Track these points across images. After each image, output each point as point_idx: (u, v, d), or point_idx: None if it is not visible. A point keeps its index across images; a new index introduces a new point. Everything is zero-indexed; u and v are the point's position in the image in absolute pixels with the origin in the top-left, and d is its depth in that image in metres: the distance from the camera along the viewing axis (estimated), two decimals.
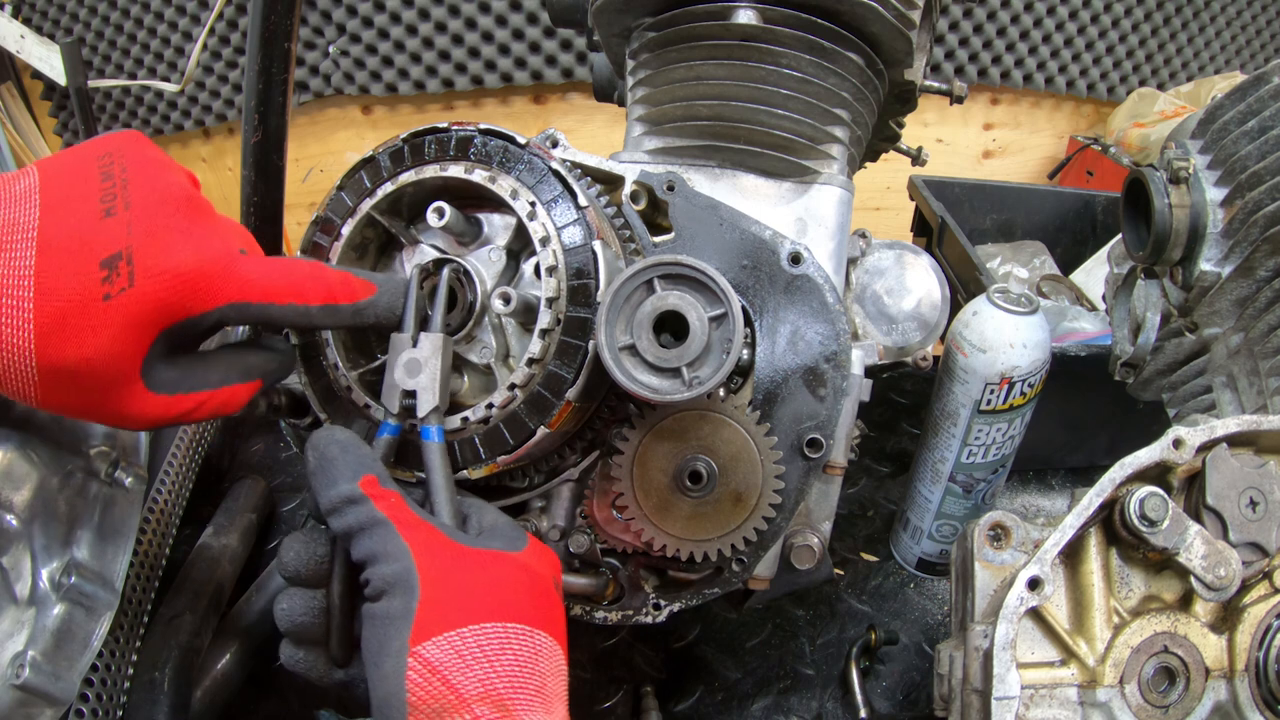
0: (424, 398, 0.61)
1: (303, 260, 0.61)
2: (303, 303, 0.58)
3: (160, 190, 0.53)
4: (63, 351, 0.49)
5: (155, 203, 0.53)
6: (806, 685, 0.95)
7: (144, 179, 0.53)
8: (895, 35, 0.75)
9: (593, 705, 0.91)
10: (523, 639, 0.51)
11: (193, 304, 0.53)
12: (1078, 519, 0.64)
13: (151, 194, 0.53)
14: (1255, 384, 0.79)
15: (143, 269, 0.51)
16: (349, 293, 0.60)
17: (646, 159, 0.77)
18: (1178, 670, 0.64)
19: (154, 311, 0.51)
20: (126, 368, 0.52)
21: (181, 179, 0.56)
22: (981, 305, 0.94)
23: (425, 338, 0.62)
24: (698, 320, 0.59)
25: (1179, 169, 0.79)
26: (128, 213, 0.51)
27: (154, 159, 0.55)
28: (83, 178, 0.52)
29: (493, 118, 2.23)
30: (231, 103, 2.45)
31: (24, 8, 2.43)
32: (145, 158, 0.55)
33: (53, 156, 0.55)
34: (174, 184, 0.55)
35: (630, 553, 0.75)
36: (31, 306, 0.48)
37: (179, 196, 0.54)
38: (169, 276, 0.51)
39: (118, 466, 0.88)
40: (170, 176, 0.55)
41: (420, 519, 0.53)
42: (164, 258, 0.52)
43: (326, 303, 0.59)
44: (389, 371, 0.62)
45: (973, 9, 2.33)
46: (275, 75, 1.14)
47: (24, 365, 0.49)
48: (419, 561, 0.50)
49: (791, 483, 0.70)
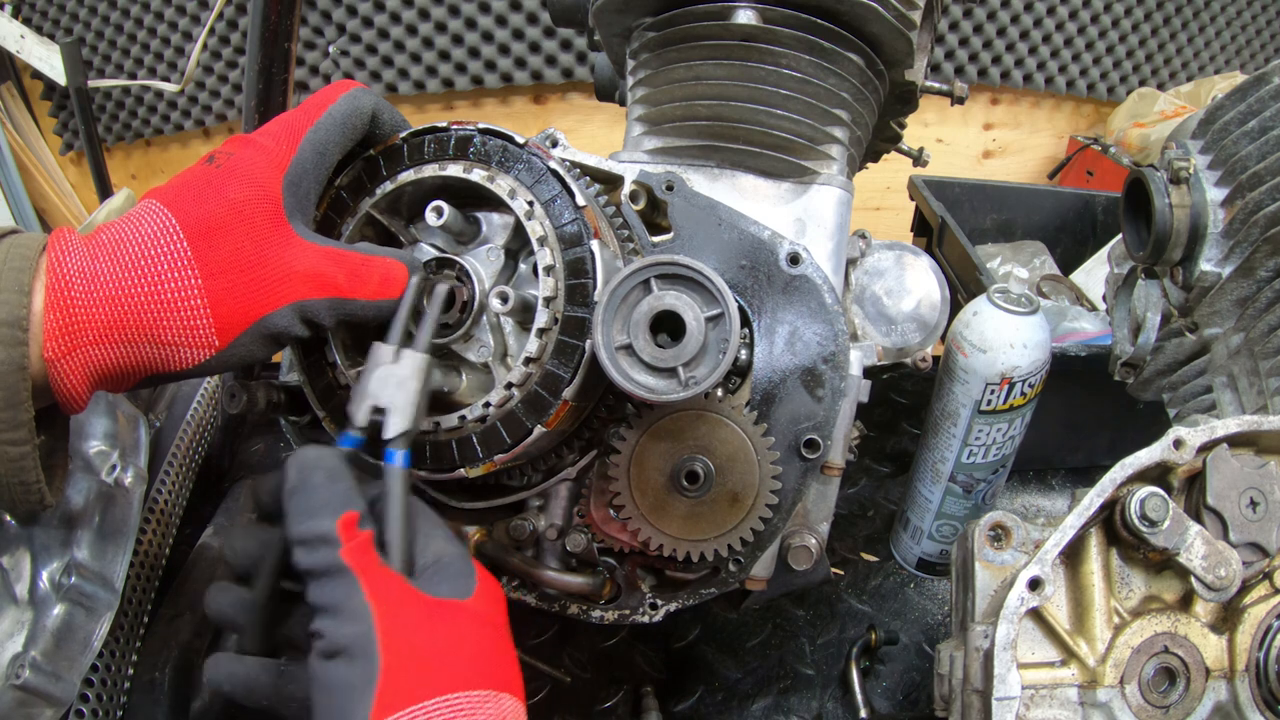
0: (394, 419, 0.56)
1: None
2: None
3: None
4: (208, 210, 0.54)
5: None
6: (806, 685, 0.95)
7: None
8: (896, 35, 0.75)
9: (593, 705, 0.91)
10: (488, 707, 0.49)
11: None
12: (1078, 519, 0.64)
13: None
14: (1256, 384, 0.78)
15: (237, 154, 0.57)
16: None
17: (646, 159, 0.77)
18: (1178, 670, 0.64)
19: (265, 164, 0.57)
20: (270, 206, 0.56)
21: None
22: (982, 305, 0.94)
23: (407, 355, 0.58)
24: (694, 320, 0.59)
25: (1179, 169, 0.79)
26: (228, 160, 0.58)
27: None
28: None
29: (493, 118, 2.22)
30: (231, 103, 2.45)
31: (24, 8, 2.43)
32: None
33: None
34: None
35: (627, 552, 0.75)
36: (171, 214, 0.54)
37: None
38: (262, 154, 0.58)
39: (117, 466, 0.88)
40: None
41: (384, 568, 0.50)
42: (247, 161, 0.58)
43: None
44: (362, 379, 0.58)
45: (973, 9, 2.33)
46: (275, 75, 1.14)
47: (180, 254, 0.53)
48: (380, 625, 0.47)
49: (789, 483, 0.70)
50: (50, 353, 0.50)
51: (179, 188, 0.55)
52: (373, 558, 0.50)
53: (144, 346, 0.52)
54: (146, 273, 0.51)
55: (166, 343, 0.53)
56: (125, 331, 0.51)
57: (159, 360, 0.53)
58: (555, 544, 0.76)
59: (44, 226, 2.60)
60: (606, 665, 0.96)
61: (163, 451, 1.04)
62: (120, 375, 0.53)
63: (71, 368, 0.51)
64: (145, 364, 0.53)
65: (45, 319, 0.49)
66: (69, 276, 0.50)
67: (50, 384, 0.51)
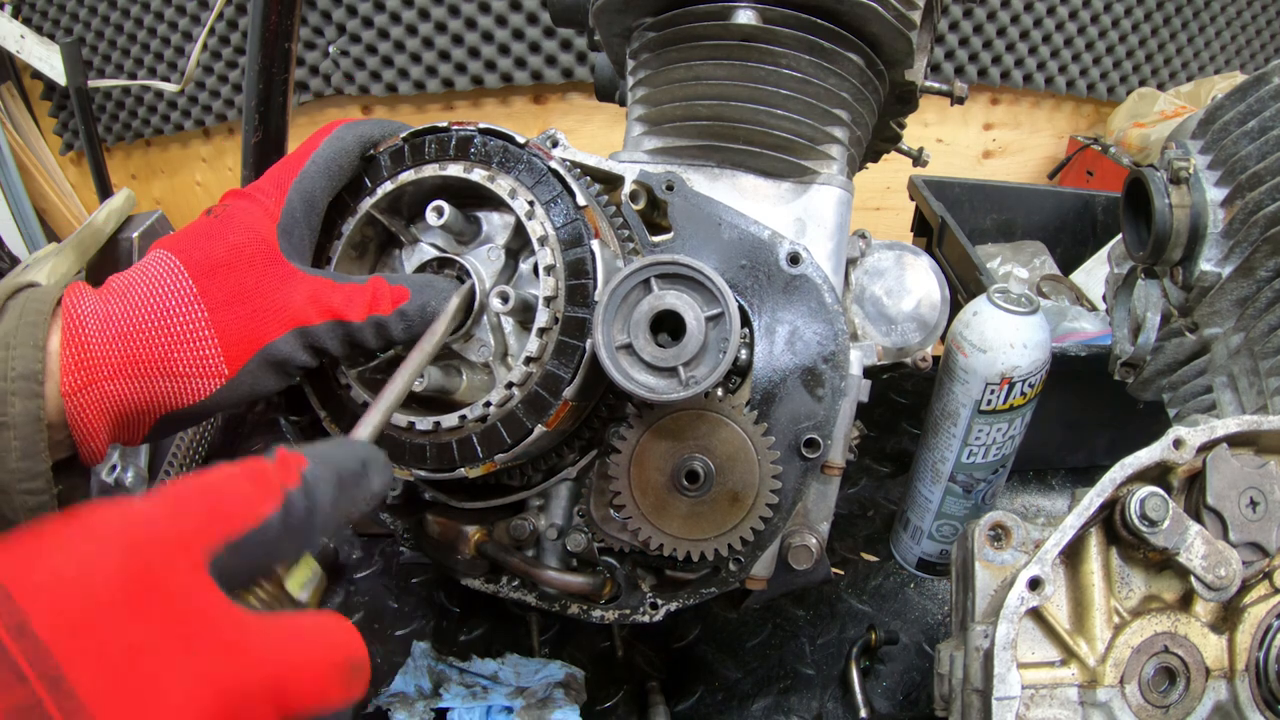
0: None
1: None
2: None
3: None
4: (208, 252, 0.56)
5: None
6: (806, 685, 0.95)
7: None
8: (895, 35, 0.75)
9: (593, 705, 0.91)
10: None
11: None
12: (1078, 519, 0.64)
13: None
14: (1255, 384, 0.79)
15: (233, 205, 0.60)
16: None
17: (646, 159, 0.77)
18: (1178, 670, 0.64)
19: (260, 213, 0.59)
20: (266, 248, 0.58)
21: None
22: (982, 305, 0.94)
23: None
24: (694, 320, 0.59)
25: (1179, 169, 0.79)
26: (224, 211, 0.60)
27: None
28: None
29: (493, 118, 2.22)
30: (231, 103, 2.45)
31: (24, 8, 2.44)
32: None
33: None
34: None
35: (627, 552, 0.75)
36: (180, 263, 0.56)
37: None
38: (255, 204, 0.60)
39: (117, 466, 0.88)
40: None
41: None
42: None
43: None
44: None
45: (973, 9, 2.33)
46: (275, 75, 1.14)
47: (187, 294, 0.55)
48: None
49: (789, 483, 0.70)
50: (67, 387, 0.51)
51: (181, 237, 0.58)
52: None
53: (157, 380, 0.54)
54: (156, 308, 0.54)
55: (179, 374, 0.54)
56: (139, 365, 0.53)
57: (172, 394, 0.55)
58: (555, 544, 0.76)
59: (44, 226, 2.60)
60: (606, 665, 0.96)
61: (163, 451, 1.04)
62: (136, 414, 0.55)
63: (87, 403, 0.52)
64: (159, 399, 0.55)
65: (61, 356, 0.51)
66: (83, 317, 0.52)
67: (69, 426, 0.52)
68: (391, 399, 0.55)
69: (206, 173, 2.66)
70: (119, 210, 1.15)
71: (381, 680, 0.90)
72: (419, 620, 1.01)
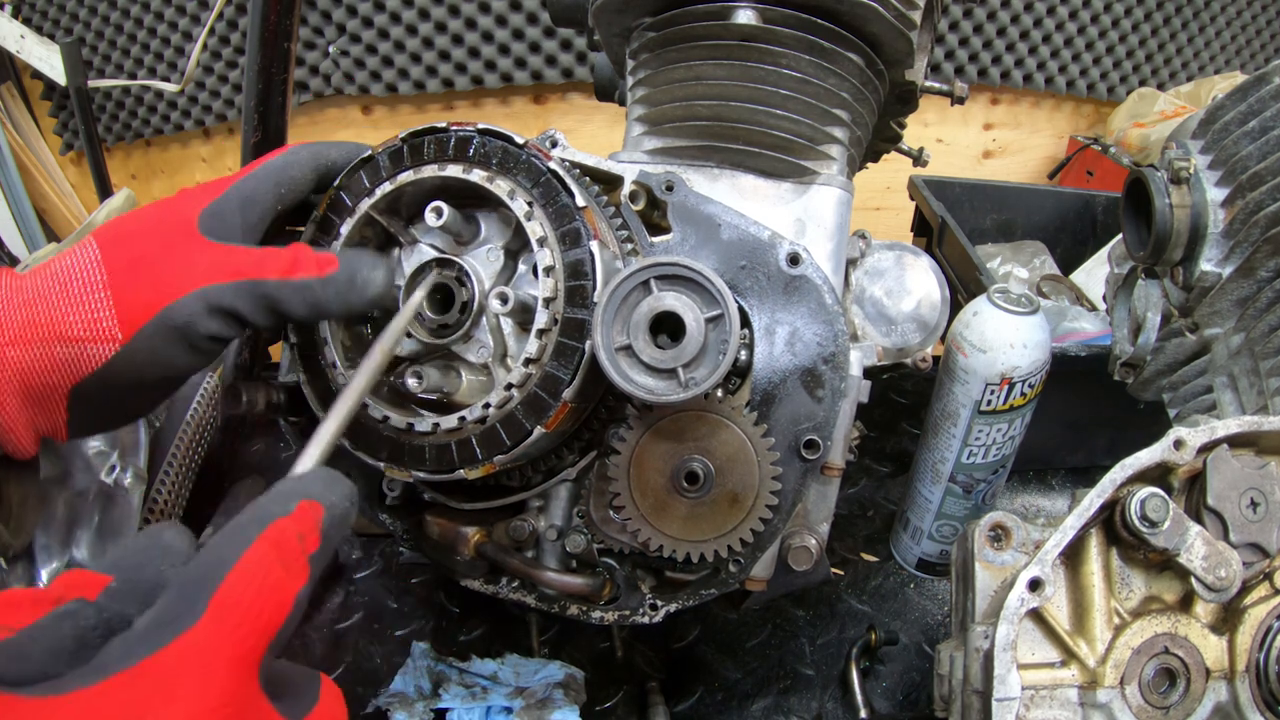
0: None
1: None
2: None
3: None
4: (120, 224, 0.57)
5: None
6: (806, 685, 0.95)
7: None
8: (896, 35, 0.75)
9: (593, 706, 0.91)
10: None
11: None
12: (1078, 520, 0.64)
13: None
14: (1256, 384, 0.78)
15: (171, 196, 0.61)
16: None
17: (645, 159, 0.77)
18: (1178, 671, 0.64)
19: (185, 198, 0.59)
20: (184, 224, 0.57)
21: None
22: (981, 305, 0.94)
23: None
24: (694, 321, 0.58)
25: (1180, 169, 0.78)
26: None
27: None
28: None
29: (493, 118, 2.23)
30: (231, 103, 2.45)
31: (24, 8, 2.44)
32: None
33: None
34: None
35: (627, 553, 0.75)
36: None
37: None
38: (186, 194, 0.60)
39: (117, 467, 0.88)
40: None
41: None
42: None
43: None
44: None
45: (973, 9, 2.33)
46: (275, 75, 1.14)
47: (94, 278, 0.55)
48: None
49: (789, 484, 0.70)
50: None
51: (110, 223, 0.59)
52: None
53: (55, 345, 0.54)
54: (60, 276, 0.55)
55: (74, 339, 0.54)
56: (38, 328, 0.53)
57: (70, 361, 0.54)
58: (555, 545, 0.76)
59: (44, 226, 2.60)
60: (606, 665, 0.96)
61: (163, 452, 1.04)
62: (42, 388, 0.54)
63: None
64: (59, 366, 0.54)
65: None
66: (1, 291, 0.54)
67: None
68: (353, 398, 0.53)
69: (206, 173, 2.65)
70: (119, 210, 1.16)
71: (381, 681, 0.91)
72: (419, 620, 1.01)
